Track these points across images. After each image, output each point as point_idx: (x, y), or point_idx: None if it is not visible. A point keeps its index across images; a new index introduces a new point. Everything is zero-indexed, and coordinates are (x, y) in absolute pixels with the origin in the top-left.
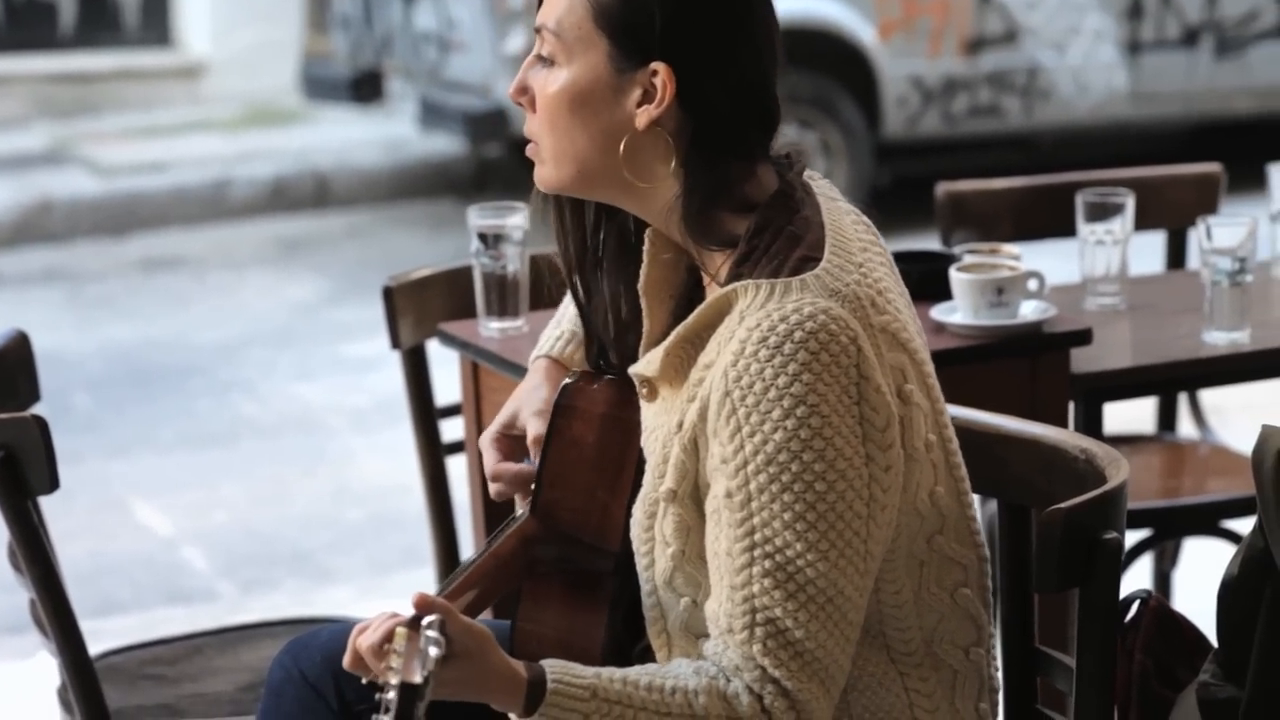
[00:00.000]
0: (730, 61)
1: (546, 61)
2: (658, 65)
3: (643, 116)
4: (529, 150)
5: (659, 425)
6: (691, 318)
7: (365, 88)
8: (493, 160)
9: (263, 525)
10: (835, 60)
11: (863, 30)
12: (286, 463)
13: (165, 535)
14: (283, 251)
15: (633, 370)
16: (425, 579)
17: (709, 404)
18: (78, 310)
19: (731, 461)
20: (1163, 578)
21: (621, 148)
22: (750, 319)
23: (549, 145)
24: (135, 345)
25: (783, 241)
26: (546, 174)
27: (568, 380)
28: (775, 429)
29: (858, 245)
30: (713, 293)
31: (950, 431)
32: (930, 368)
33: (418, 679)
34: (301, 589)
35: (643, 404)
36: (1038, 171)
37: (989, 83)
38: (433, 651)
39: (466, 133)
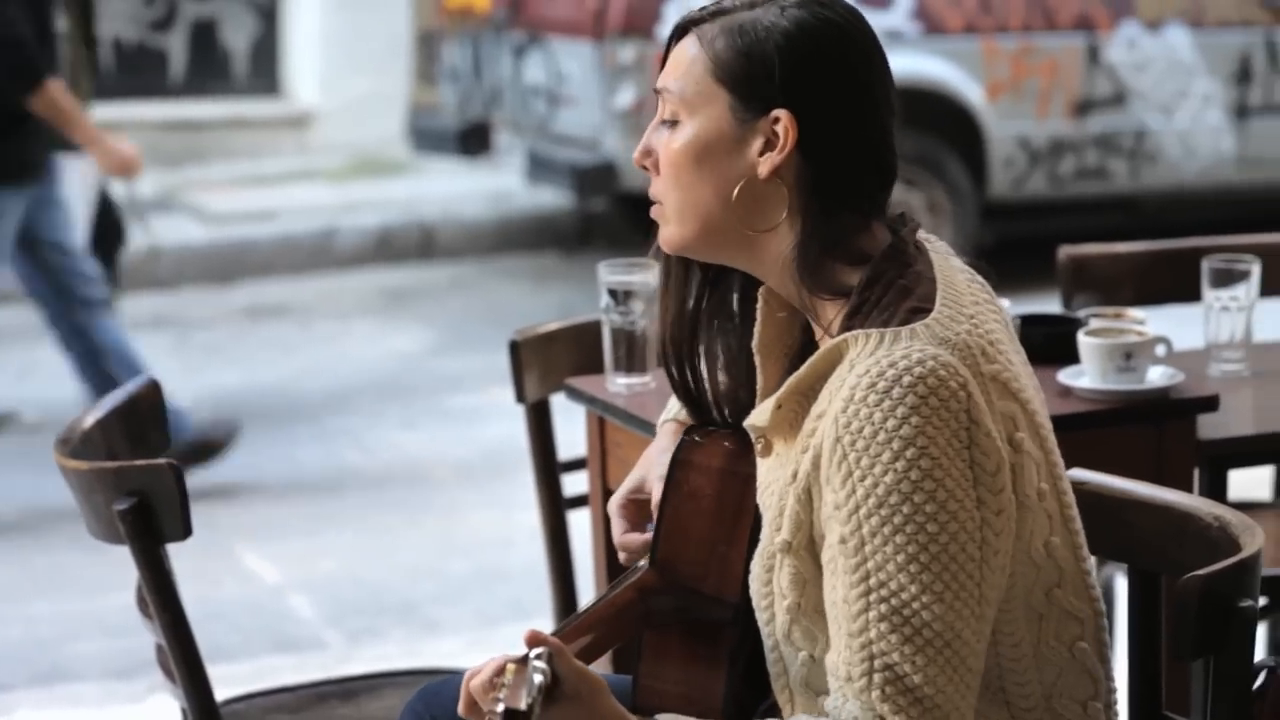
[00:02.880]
0: (850, 109)
1: (669, 123)
2: (779, 112)
3: (765, 164)
4: (653, 212)
5: (774, 479)
6: (803, 369)
7: (473, 140)
8: (598, 214)
9: (369, 574)
10: (943, 120)
11: (971, 90)
12: (392, 512)
13: (272, 583)
14: (388, 302)
15: (747, 423)
16: None
17: (821, 452)
18: (185, 357)
19: (844, 507)
20: (1278, 646)
21: (737, 192)
22: (860, 366)
23: (673, 203)
24: (242, 392)
25: (894, 293)
26: (671, 233)
27: (686, 435)
28: (885, 471)
29: (969, 299)
30: (824, 344)
31: (1065, 484)
32: (1043, 419)
33: (522, 706)
34: (409, 639)
35: (758, 459)
36: (1142, 234)
37: (1096, 145)
38: (537, 679)
39: (574, 187)
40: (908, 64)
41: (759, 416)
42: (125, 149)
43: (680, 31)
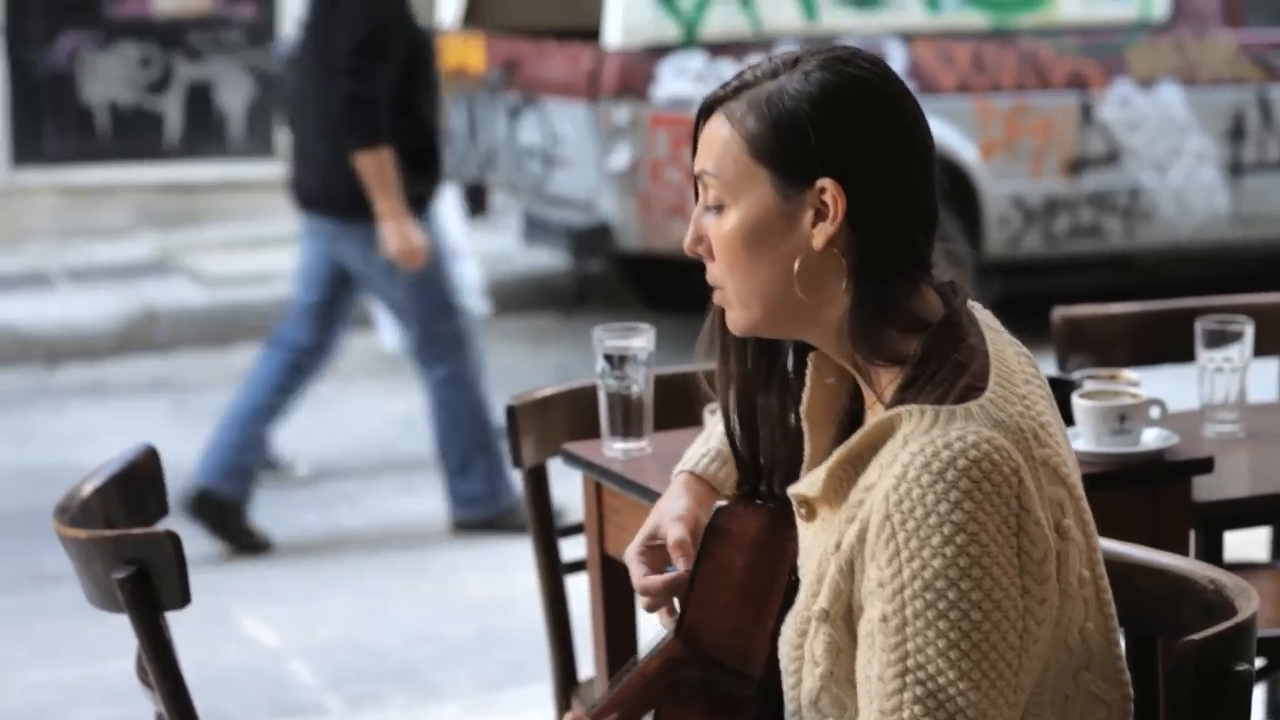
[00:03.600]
0: (893, 167)
1: (715, 207)
2: (824, 182)
3: (819, 236)
4: (716, 298)
5: (816, 545)
6: (855, 438)
7: (469, 202)
8: (594, 275)
9: (368, 639)
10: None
11: (965, 149)
12: (391, 576)
13: (271, 647)
14: (385, 364)
15: (793, 490)
16: (534, 696)
17: (868, 526)
18: (182, 420)
19: (888, 585)
20: (1275, 707)
21: (796, 266)
22: (914, 444)
23: (734, 288)
24: None
25: (949, 369)
26: (738, 319)
27: (721, 503)
28: (934, 555)
29: (1020, 377)
30: (876, 415)
31: (1102, 569)
32: (1085, 503)
33: None
34: (409, 704)
35: (800, 523)
36: (1138, 291)
37: (1090, 203)
38: None
39: (570, 248)
40: None
41: (808, 485)
42: (417, 239)
43: (707, 111)
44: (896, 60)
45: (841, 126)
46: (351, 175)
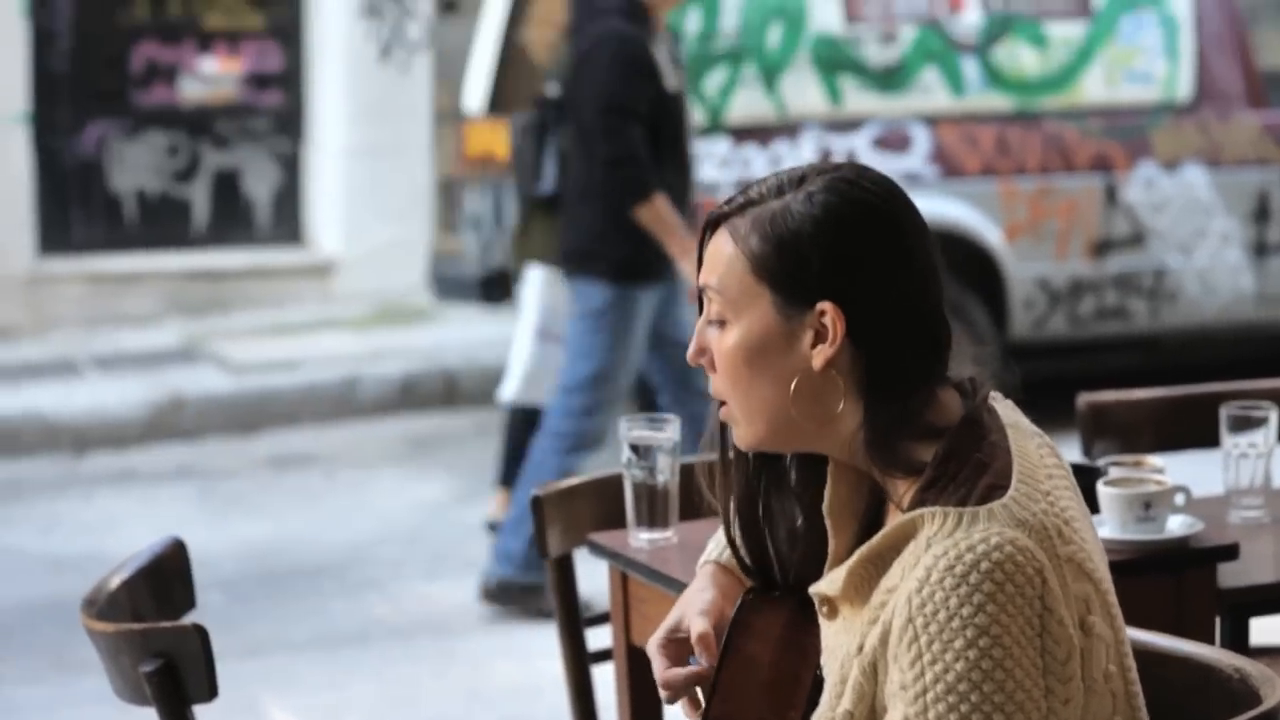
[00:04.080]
0: (894, 290)
1: (718, 322)
2: (824, 305)
3: (818, 358)
4: (721, 413)
5: (839, 645)
6: (876, 539)
7: (494, 287)
8: None
9: None
10: (962, 262)
11: (990, 232)
12: (418, 664)
13: None
14: (412, 450)
15: (814, 589)
16: None
17: (891, 629)
18: (209, 507)
19: (911, 688)
20: None
21: (794, 387)
22: (937, 546)
23: (737, 404)
24: (267, 543)
25: (970, 469)
26: (743, 434)
27: (747, 596)
28: (957, 659)
29: (1044, 472)
30: (897, 517)
31: (1130, 660)
32: (1113, 596)
33: None
34: None
35: (822, 622)
36: (1163, 372)
37: (1116, 285)
38: None
39: None
40: (926, 206)
41: (829, 584)
42: None
43: (712, 225)
44: (921, 143)
45: (844, 250)
46: (619, 235)
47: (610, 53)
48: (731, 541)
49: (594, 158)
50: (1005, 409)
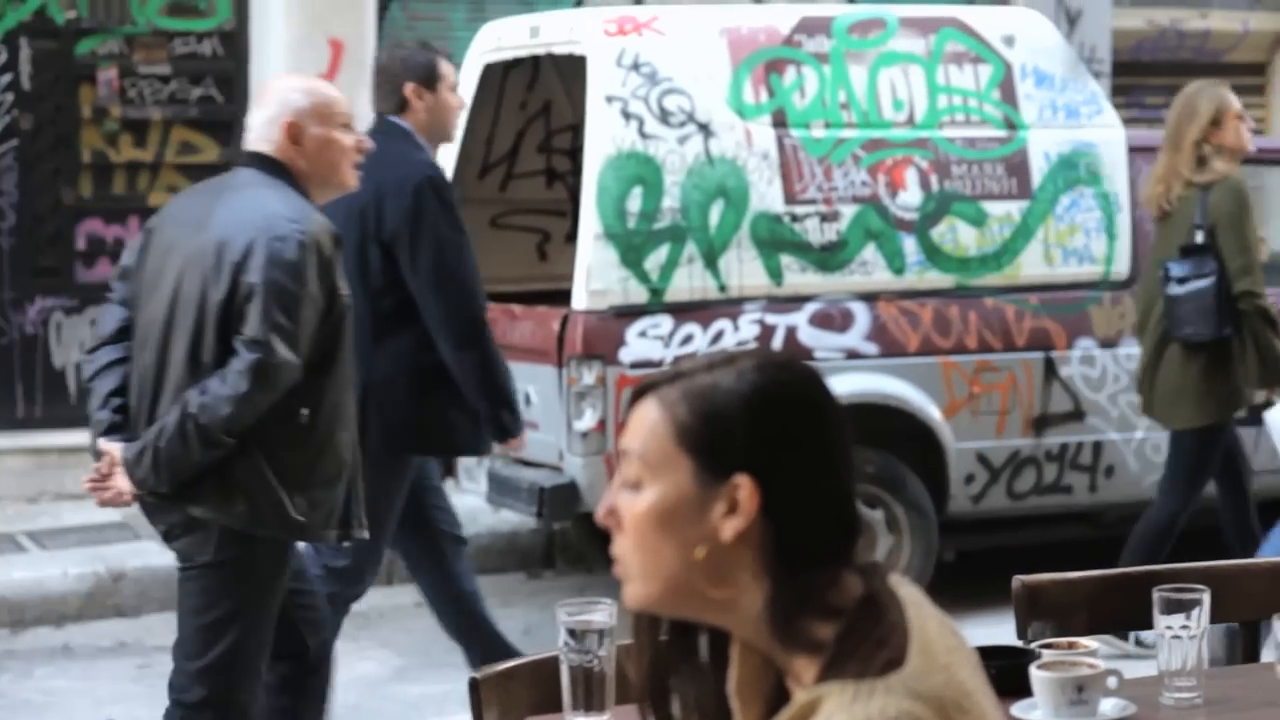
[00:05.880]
0: (811, 471)
1: (633, 484)
2: (741, 479)
3: (728, 529)
4: (615, 570)
5: None
6: (781, 717)
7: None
8: (562, 534)
9: None
10: (903, 437)
11: (929, 408)
12: None
13: None
14: (352, 626)
15: None
16: None
17: None
18: (147, 684)
19: None
20: None
21: (700, 555)
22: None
23: (636, 563)
24: None
25: (869, 645)
26: (634, 592)
27: None
28: None
29: (943, 648)
30: (799, 696)
31: None
32: None
33: None
34: None
35: None
36: (1102, 544)
37: (1055, 459)
38: None
39: (538, 509)
40: (866, 383)
41: None
42: None
43: (641, 392)
44: (861, 320)
45: (767, 431)
46: None
47: None
48: (642, 714)
49: None
50: (909, 592)
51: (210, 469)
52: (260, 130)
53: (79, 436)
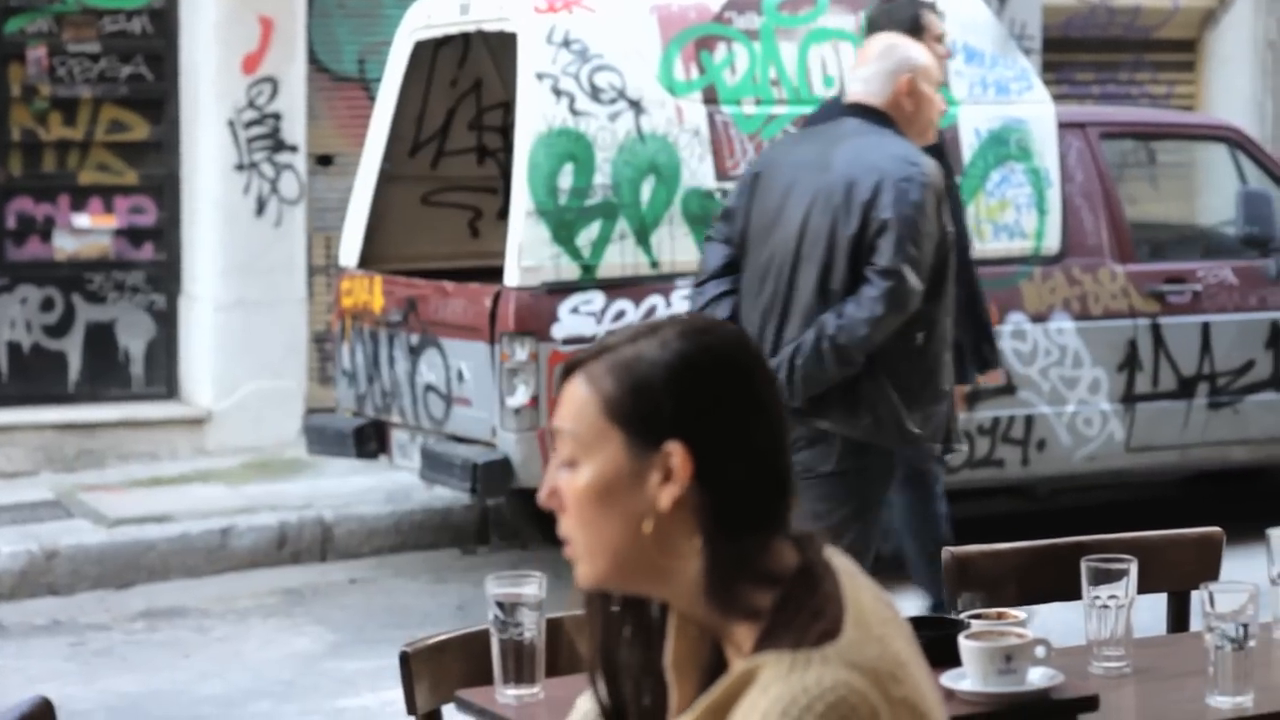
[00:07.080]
0: (741, 434)
1: (569, 463)
2: (672, 446)
3: (665, 497)
4: (565, 552)
5: None
6: (716, 690)
7: (368, 441)
8: (495, 510)
9: None
10: None
11: None
12: None
13: None
14: (286, 602)
15: None
16: None
17: None
18: (81, 661)
19: None
20: None
21: (648, 528)
22: (773, 690)
23: (582, 541)
24: (138, 697)
25: (805, 616)
26: (584, 571)
27: None
28: None
29: (877, 619)
30: (736, 666)
31: None
32: None
33: None
34: None
35: None
36: (1034, 517)
37: (986, 433)
38: None
39: (471, 485)
40: None
41: None
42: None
43: (568, 371)
44: None
45: (694, 395)
46: None
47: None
48: (594, 686)
49: None
50: (843, 563)
51: (838, 386)
52: (874, 83)
53: (11, 414)
